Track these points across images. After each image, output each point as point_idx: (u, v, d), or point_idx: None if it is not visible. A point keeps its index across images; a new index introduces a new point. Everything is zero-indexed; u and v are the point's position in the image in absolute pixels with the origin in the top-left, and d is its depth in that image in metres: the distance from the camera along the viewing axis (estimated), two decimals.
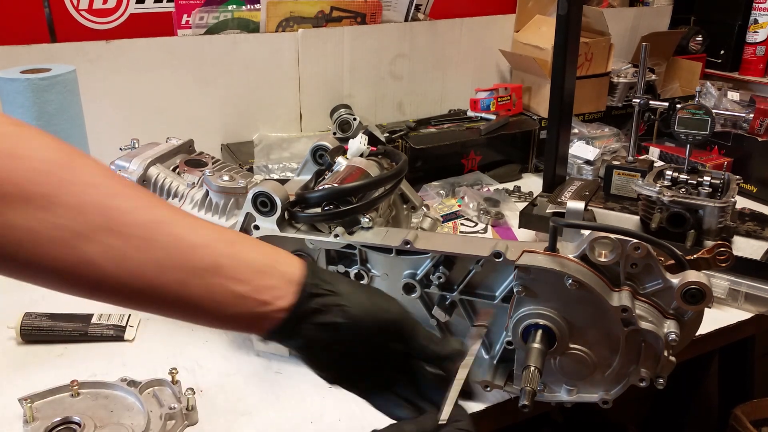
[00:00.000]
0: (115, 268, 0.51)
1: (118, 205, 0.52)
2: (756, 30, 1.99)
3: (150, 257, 0.52)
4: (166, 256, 0.53)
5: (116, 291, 0.53)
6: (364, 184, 0.93)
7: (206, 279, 0.54)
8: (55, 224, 0.49)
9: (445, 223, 1.43)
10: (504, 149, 1.72)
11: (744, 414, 1.50)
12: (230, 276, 0.55)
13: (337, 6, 1.64)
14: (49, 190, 0.49)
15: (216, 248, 0.56)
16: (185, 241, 0.54)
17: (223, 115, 1.60)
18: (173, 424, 0.83)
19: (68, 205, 0.49)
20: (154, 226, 0.53)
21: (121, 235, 0.51)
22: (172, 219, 0.55)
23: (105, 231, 0.50)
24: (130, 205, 0.53)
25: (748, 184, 1.56)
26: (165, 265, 0.53)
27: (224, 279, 0.55)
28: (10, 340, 1.00)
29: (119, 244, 0.51)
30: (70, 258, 0.50)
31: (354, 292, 0.60)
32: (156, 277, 0.53)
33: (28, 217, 0.48)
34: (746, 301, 1.10)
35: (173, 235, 0.54)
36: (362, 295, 0.60)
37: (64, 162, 0.51)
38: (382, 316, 0.60)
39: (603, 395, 0.79)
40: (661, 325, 0.74)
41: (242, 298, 0.56)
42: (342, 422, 0.86)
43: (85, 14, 1.43)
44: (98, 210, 0.51)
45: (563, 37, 1.34)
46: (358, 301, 0.59)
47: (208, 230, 0.57)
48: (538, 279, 0.73)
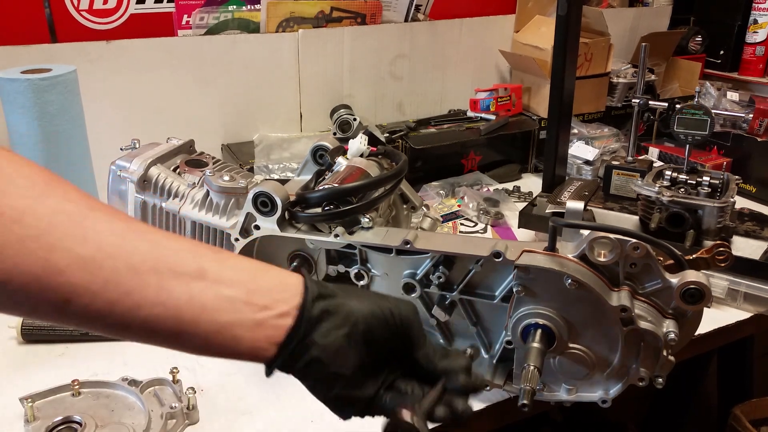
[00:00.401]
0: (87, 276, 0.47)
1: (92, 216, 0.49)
2: (755, 30, 1.99)
3: (125, 263, 0.48)
4: (143, 261, 0.49)
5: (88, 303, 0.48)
6: (364, 184, 0.93)
7: (188, 283, 0.50)
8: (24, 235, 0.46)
9: (445, 223, 1.43)
10: (504, 149, 1.72)
11: (743, 413, 1.51)
12: (216, 279, 0.51)
13: (337, 6, 1.65)
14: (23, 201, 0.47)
15: (199, 252, 0.52)
16: (165, 247, 0.50)
17: (223, 116, 1.60)
18: (174, 424, 0.83)
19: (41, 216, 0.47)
20: (131, 234, 0.50)
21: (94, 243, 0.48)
22: (150, 230, 0.52)
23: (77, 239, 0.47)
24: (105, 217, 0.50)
25: (747, 184, 1.56)
26: (141, 269, 0.48)
27: (210, 282, 0.50)
28: (11, 339, 1.00)
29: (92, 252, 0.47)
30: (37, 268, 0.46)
31: (358, 297, 0.57)
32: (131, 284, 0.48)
33: None
34: (745, 300, 1.11)
35: (151, 240, 0.50)
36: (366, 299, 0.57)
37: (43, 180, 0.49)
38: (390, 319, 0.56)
39: (602, 394, 0.79)
40: (660, 325, 0.74)
41: (233, 302, 0.51)
42: (342, 422, 0.86)
43: (86, 14, 1.44)
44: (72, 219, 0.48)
45: (563, 38, 1.34)
46: (364, 304, 0.56)
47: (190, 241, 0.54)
48: (537, 279, 0.74)
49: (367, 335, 0.55)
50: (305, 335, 0.53)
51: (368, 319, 0.55)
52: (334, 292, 0.55)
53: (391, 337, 0.56)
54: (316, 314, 0.53)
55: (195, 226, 0.98)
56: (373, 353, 0.56)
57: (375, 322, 0.55)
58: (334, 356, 0.54)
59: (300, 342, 0.53)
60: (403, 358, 0.58)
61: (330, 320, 0.54)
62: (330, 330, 0.53)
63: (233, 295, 0.51)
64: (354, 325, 0.54)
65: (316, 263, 0.92)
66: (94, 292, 0.48)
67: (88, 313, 0.49)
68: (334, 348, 0.54)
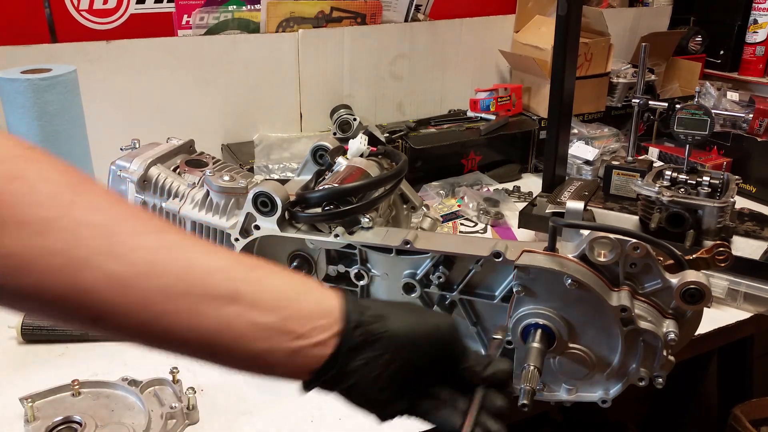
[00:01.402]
0: (117, 296, 0.46)
1: (122, 229, 0.47)
2: (755, 30, 1.99)
3: (156, 284, 0.46)
4: (174, 283, 0.47)
5: (120, 322, 0.47)
6: (364, 184, 0.93)
7: (222, 307, 0.48)
8: (49, 249, 0.44)
9: (444, 223, 1.43)
10: (504, 149, 1.72)
11: (743, 413, 1.51)
12: (251, 304, 0.48)
13: (337, 6, 1.65)
14: (48, 213, 0.45)
15: (233, 274, 0.49)
16: (196, 266, 0.48)
17: (223, 116, 1.60)
18: (174, 424, 0.83)
19: (66, 229, 0.45)
20: (162, 250, 0.47)
21: (124, 261, 0.46)
22: (184, 243, 0.49)
23: (106, 256, 0.45)
24: (137, 228, 0.48)
25: (747, 184, 1.56)
26: (173, 292, 0.47)
27: (244, 307, 0.48)
28: (11, 339, 1.00)
29: (121, 270, 0.45)
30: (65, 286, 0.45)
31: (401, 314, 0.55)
32: (164, 307, 0.46)
33: (20, 242, 0.44)
34: (745, 300, 1.11)
35: (183, 259, 0.48)
36: (410, 316, 0.55)
37: (69, 185, 0.47)
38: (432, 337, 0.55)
39: (602, 394, 0.79)
40: (660, 325, 0.74)
41: (268, 330, 0.49)
42: (342, 421, 0.86)
43: (86, 14, 1.44)
44: (100, 233, 0.46)
45: (563, 38, 1.34)
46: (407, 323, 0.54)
47: (224, 255, 0.51)
48: (537, 279, 0.74)
49: (407, 361, 0.54)
50: (343, 365, 0.52)
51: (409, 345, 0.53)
52: (374, 316, 0.53)
53: (432, 358, 0.55)
54: (355, 343, 0.51)
55: (195, 227, 0.98)
56: (413, 374, 0.55)
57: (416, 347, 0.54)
58: (373, 383, 0.53)
59: (338, 371, 0.52)
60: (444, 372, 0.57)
61: (370, 349, 0.52)
62: (369, 359, 0.52)
63: (268, 323, 0.49)
64: (394, 353, 0.53)
65: (316, 263, 0.92)
66: (124, 314, 0.46)
67: (121, 331, 0.48)
68: (372, 376, 0.53)
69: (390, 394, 0.55)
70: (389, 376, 0.53)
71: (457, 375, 0.57)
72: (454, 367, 0.57)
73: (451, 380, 0.58)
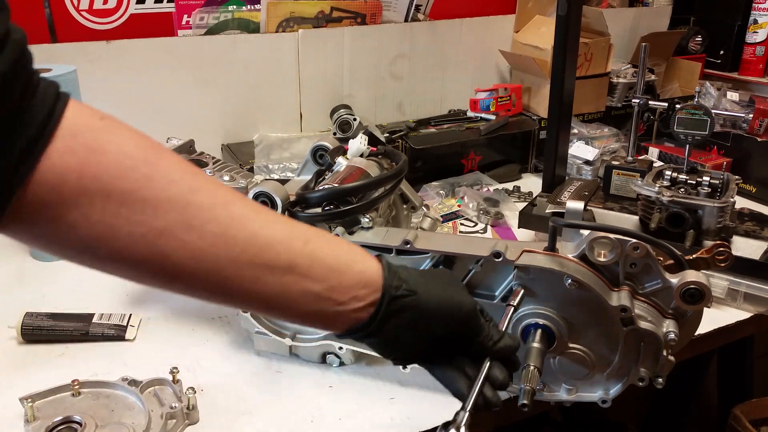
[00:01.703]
0: (192, 263, 0.52)
1: (196, 202, 0.52)
2: (755, 30, 1.99)
3: (225, 254, 0.53)
4: (242, 253, 0.53)
5: (191, 285, 0.54)
6: (364, 184, 0.93)
7: (280, 277, 0.55)
8: (133, 220, 0.49)
9: (444, 223, 1.43)
10: (504, 149, 1.72)
11: (743, 413, 1.51)
12: (304, 274, 0.56)
13: (337, 6, 1.65)
14: (130, 185, 0.49)
15: (291, 246, 0.56)
16: (261, 238, 0.55)
17: (223, 116, 1.60)
18: (174, 424, 0.83)
19: (147, 200, 0.50)
20: (231, 222, 0.53)
21: (198, 232, 0.52)
22: (249, 215, 0.55)
23: (182, 227, 0.51)
24: (209, 201, 0.53)
25: (747, 184, 1.56)
26: (240, 261, 0.53)
27: (298, 277, 0.56)
28: (11, 339, 1.00)
29: (196, 240, 0.51)
30: (147, 253, 0.51)
31: (430, 289, 0.63)
32: (231, 274, 0.53)
33: (108, 212, 0.49)
34: (745, 300, 1.11)
35: (249, 231, 0.54)
36: (439, 291, 0.63)
37: (146, 157, 0.51)
38: (455, 314, 0.63)
39: (602, 394, 0.79)
40: (660, 325, 0.74)
41: (316, 296, 0.57)
42: (342, 421, 0.86)
43: (86, 14, 1.44)
44: (176, 206, 0.51)
45: (563, 38, 1.34)
46: (435, 298, 0.62)
47: (284, 226, 0.58)
48: (537, 279, 0.74)
49: (430, 331, 0.63)
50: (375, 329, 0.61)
51: (434, 319, 0.62)
52: (408, 290, 0.61)
53: (452, 330, 0.64)
54: (388, 313, 0.60)
55: None
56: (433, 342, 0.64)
57: (441, 318, 0.62)
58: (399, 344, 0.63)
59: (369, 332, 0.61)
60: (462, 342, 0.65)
61: (400, 318, 0.61)
62: (397, 325, 0.61)
63: (316, 291, 0.57)
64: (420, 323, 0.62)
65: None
66: (197, 278, 0.53)
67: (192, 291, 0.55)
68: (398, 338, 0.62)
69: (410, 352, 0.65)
70: (413, 340, 0.62)
71: (474, 347, 0.65)
72: (471, 340, 0.65)
73: (468, 351, 0.66)
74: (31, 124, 0.47)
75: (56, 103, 0.49)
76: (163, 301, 1.10)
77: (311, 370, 0.95)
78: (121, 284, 1.16)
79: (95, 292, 1.14)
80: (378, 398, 0.90)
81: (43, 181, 0.47)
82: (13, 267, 1.24)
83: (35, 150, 0.47)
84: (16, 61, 0.46)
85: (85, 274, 1.21)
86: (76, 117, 0.49)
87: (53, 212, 0.48)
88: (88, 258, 0.52)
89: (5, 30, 0.46)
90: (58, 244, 0.51)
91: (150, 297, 1.12)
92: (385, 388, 0.91)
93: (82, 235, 0.49)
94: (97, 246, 0.50)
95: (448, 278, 0.67)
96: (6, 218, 0.47)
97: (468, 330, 0.64)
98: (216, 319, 1.07)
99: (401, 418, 0.86)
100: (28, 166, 0.46)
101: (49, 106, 0.48)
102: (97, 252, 0.51)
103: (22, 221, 0.48)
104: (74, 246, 0.51)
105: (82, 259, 0.53)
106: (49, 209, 0.48)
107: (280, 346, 0.96)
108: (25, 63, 0.48)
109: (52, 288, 1.16)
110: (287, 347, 0.96)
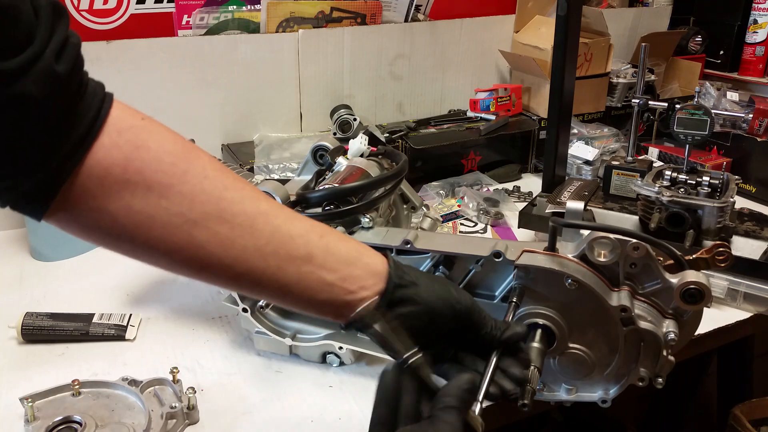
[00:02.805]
0: (222, 252, 0.57)
1: (227, 196, 0.57)
2: (755, 30, 1.99)
3: (252, 244, 0.57)
4: (267, 244, 0.58)
5: (220, 273, 0.58)
6: (364, 184, 0.93)
7: (300, 266, 0.60)
8: (170, 211, 0.54)
9: (444, 223, 1.43)
10: (503, 149, 1.72)
11: (743, 413, 1.51)
12: (320, 265, 0.61)
13: (337, 6, 1.65)
14: (169, 180, 0.54)
15: (309, 239, 0.61)
16: (283, 231, 0.60)
17: (223, 116, 1.60)
18: (174, 423, 0.83)
19: (184, 194, 0.55)
20: (258, 216, 0.58)
21: (229, 224, 0.56)
22: (273, 211, 0.60)
23: (215, 219, 0.56)
24: (239, 196, 0.58)
25: (747, 184, 1.56)
26: (265, 252, 0.58)
27: (315, 267, 0.61)
28: (11, 339, 1.00)
29: (226, 231, 0.56)
30: (182, 242, 0.55)
31: (431, 284, 0.65)
32: (257, 263, 0.58)
33: (148, 203, 0.54)
34: (745, 300, 1.11)
35: (273, 225, 0.59)
36: (438, 287, 0.66)
37: (183, 154, 0.56)
38: (455, 307, 0.65)
39: (602, 394, 0.79)
40: (660, 325, 0.74)
41: (330, 285, 0.61)
42: (342, 421, 0.86)
43: (86, 14, 1.44)
44: (210, 200, 0.56)
45: (563, 38, 1.34)
46: (435, 292, 0.65)
47: (303, 222, 0.62)
48: (537, 279, 0.74)
49: (429, 322, 0.65)
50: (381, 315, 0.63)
51: (436, 309, 0.64)
52: (410, 282, 0.64)
53: (455, 322, 0.65)
54: (390, 301, 0.63)
55: None
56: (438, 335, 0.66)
57: (442, 310, 0.65)
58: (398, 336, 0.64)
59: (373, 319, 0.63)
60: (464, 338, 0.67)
61: (401, 308, 0.63)
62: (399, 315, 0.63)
63: (330, 280, 0.61)
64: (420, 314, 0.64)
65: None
66: (226, 266, 0.57)
67: (219, 279, 0.60)
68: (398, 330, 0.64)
69: None
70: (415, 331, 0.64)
71: (479, 341, 0.66)
72: (476, 335, 0.66)
73: (474, 347, 0.67)
74: (82, 121, 0.51)
75: (103, 102, 0.53)
76: (163, 301, 1.10)
77: (311, 370, 0.96)
78: (121, 284, 1.16)
79: (95, 292, 1.14)
80: None
81: (90, 173, 0.52)
82: (13, 267, 1.24)
83: (84, 144, 0.51)
84: (73, 63, 0.50)
85: (85, 274, 1.22)
86: (120, 116, 0.54)
87: (98, 202, 0.53)
88: (127, 245, 0.56)
89: (65, 35, 0.50)
90: (100, 232, 0.55)
91: (150, 297, 1.12)
92: None
93: (123, 224, 0.54)
94: (136, 234, 0.55)
95: (445, 280, 0.70)
96: (54, 207, 0.52)
97: (472, 324, 0.66)
98: (216, 319, 1.07)
99: None
100: (78, 158, 0.51)
101: (97, 105, 0.53)
102: (135, 240, 0.55)
103: (68, 210, 0.53)
104: (115, 234, 0.55)
105: (120, 246, 0.57)
106: (94, 199, 0.53)
107: (280, 346, 0.96)
108: (80, 65, 0.52)
109: (52, 288, 1.16)
110: (287, 347, 0.96)
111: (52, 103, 0.48)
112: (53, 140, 0.50)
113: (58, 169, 0.50)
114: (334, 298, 0.62)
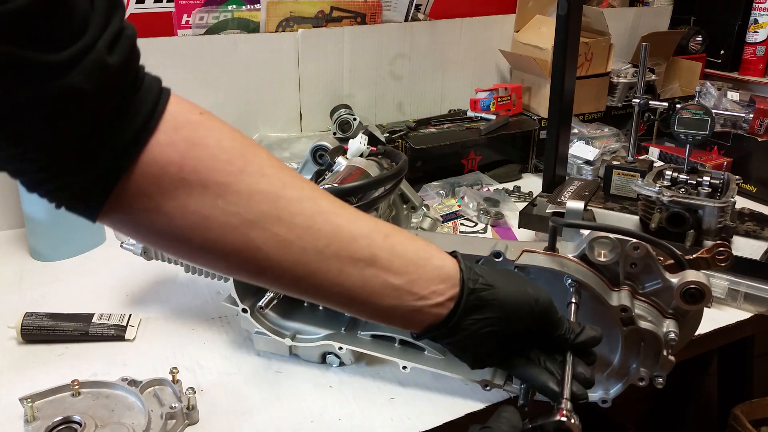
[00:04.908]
0: (280, 254, 0.54)
1: (286, 195, 0.54)
2: (756, 30, 1.99)
3: (312, 246, 0.54)
4: (327, 246, 0.55)
5: (279, 276, 0.55)
6: (364, 184, 0.93)
7: (363, 269, 0.56)
8: (227, 211, 0.51)
9: (445, 223, 1.43)
10: (504, 149, 1.72)
11: (743, 414, 1.51)
12: (385, 267, 0.57)
13: (337, 6, 1.64)
14: (226, 178, 0.51)
15: (373, 240, 0.57)
16: (345, 231, 0.56)
17: (223, 115, 1.56)
18: (174, 424, 0.83)
19: (241, 193, 0.52)
20: (318, 216, 0.55)
21: (287, 224, 0.53)
22: (334, 210, 0.57)
23: (273, 219, 0.53)
24: (297, 195, 0.55)
25: (747, 184, 1.56)
26: (326, 254, 0.55)
27: (380, 270, 0.57)
28: (11, 339, 1.00)
29: (285, 232, 0.53)
30: (239, 243, 0.52)
31: (507, 284, 0.62)
32: (317, 266, 0.55)
33: (204, 203, 0.51)
34: (745, 300, 1.11)
35: (334, 225, 0.56)
36: (515, 287, 0.63)
37: (241, 151, 0.54)
38: (534, 308, 0.62)
39: (602, 394, 0.79)
40: (660, 325, 0.74)
41: (397, 290, 0.58)
42: (342, 421, 0.86)
43: None
44: (268, 199, 0.53)
45: (563, 37, 1.34)
46: (512, 294, 0.62)
47: (366, 221, 0.59)
48: (537, 278, 0.74)
49: (508, 326, 0.62)
50: (455, 325, 0.60)
51: (512, 313, 0.62)
52: (486, 284, 0.61)
53: (532, 323, 0.63)
54: (467, 307, 0.60)
55: None
56: (511, 337, 0.63)
57: (520, 313, 0.62)
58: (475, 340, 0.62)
59: (449, 329, 0.61)
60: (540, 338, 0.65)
61: (479, 313, 0.60)
62: (478, 321, 0.61)
63: (397, 284, 0.58)
64: (500, 318, 0.61)
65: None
66: (284, 269, 0.55)
67: (278, 283, 0.57)
68: (477, 335, 0.61)
69: (488, 350, 0.64)
70: (492, 336, 0.61)
71: (551, 340, 0.65)
72: (549, 334, 0.64)
73: (545, 345, 0.66)
74: (137, 117, 0.49)
75: (159, 97, 0.51)
76: (162, 302, 1.10)
77: (311, 370, 0.95)
78: (121, 284, 1.16)
79: (95, 292, 1.14)
80: (378, 398, 0.90)
81: (145, 171, 0.49)
82: (13, 267, 1.24)
83: (140, 141, 0.49)
84: (127, 55, 0.48)
85: (84, 274, 1.22)
86: (177, 111, 0.52)
87: (152, 202, 0.50)
88: (182, 248, 0.54)
89: (120, 26, 0.48)
90: (155, 233, 0.52)
91: (150, 297, 1.12)
92: (385, 388, 0.91)
93: (179, 225, 0.51)
94: (192, 236, 0.52)
95: (518, 275, 0.67)
96: (108, 207, 0.49)
97: (548, 325, 0.64)
98: (216, 319, 1.07)
99: (401, 418, 0.86)
100: (133, 156, 0.48)
101: (153, 100, 0.50)
102: (192, 242, 0.52)
103: (122, 210, 0.50)
104: (170, 235, 0.52)
105: (176, 249, 0.54)
106: (148, 199, 0.50)
107: (280, 346, 0.96)
108: (135, 58, 0.50)
109: (51, 288, 1.16)
110: (287, 347, 0.96)
111: (104, 97, 0.46)
112: (106, 136, 0.47)
113: (112, 167, 0.48)
114: (402, 303, 0.58)
